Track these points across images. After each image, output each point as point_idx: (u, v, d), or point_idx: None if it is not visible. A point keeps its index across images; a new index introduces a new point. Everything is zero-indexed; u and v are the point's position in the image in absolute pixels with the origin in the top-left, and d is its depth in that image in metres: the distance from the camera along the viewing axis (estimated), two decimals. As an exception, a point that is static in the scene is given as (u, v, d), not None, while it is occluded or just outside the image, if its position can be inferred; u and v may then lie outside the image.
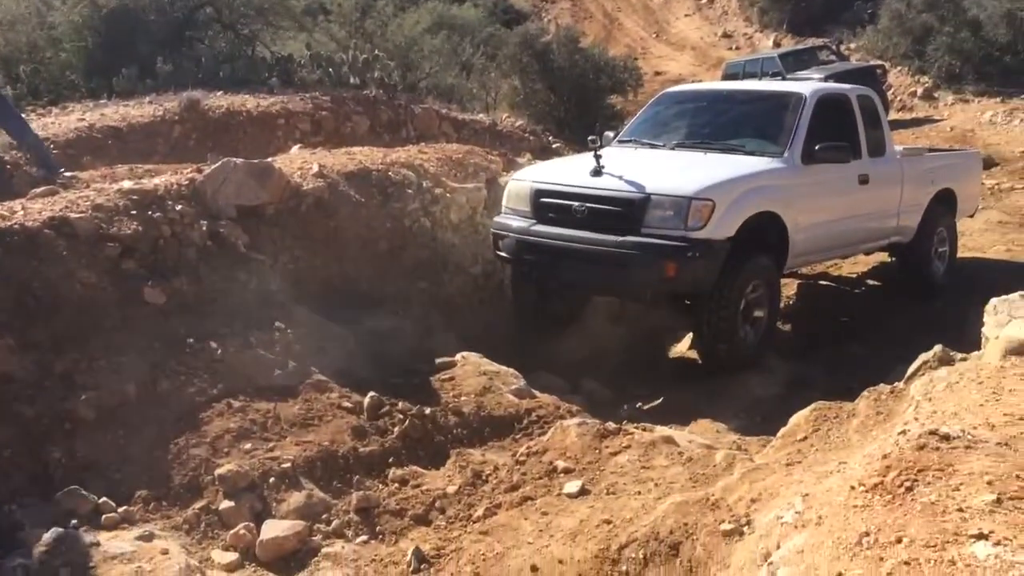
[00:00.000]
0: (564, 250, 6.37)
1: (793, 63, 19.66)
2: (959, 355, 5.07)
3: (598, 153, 6.49)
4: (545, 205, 6.63)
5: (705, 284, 6.21)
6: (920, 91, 20.98)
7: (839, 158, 7.01)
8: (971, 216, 9.80)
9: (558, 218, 6.50)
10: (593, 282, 6.63)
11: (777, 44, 26.20)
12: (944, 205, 8.70)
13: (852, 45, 24.48)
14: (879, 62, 21.14)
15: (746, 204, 6.31)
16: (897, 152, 8.28)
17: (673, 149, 7.22)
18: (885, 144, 7.99)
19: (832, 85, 8.46)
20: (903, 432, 3.50)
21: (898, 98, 21.16)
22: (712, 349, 6.55)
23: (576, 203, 6.40)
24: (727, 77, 19.84)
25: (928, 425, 3.47)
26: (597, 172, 6.42)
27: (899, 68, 22.07)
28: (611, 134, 7.75)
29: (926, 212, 8.37)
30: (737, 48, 27.78)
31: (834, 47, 22.14)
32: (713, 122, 7.62)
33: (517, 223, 6.72)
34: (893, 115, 19.56)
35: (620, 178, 6.34)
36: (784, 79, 18.09)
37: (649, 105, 8.36)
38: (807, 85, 7.87)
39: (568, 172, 6.95)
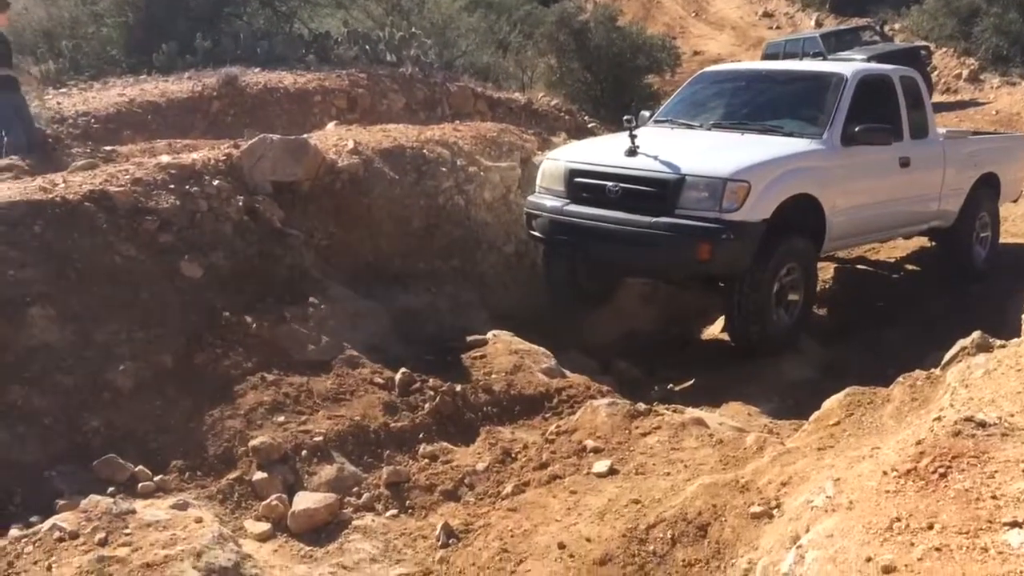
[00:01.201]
0: (597, 230, 6.32)
1: (835, 43, 19.29)
2: (998, 342, 4.99)
3: (633, 133, 6.41)
4: (579, 185, 6.59)
5: (739, 266, 6.15)
6: (965, 73, 20.51)
7: (880, 140, 6.89)
8: (1015, 201, 9.61)
9: (592, 198, 6.45)
10: (626, 263, 6.60)
11: (819, 24, 25.70)
12: (987, 189, 8.53)
13: (896, 25, 23.95)
14: (924, 43, 20.65)
15: (783, 186, 6.22)
16: (940, 134, 8.13)
17: (710, 129, 7.13)
18: (928, 126, 7.85)
19: (874, 66, 8.29)
20: (938, 418, 3.45)
21: (943, 80, 20.70)
22: (744, 332, 6.49)
23: (610, 183, 6.36)
24: (767, 57, 19.53)
25: (964, 412, 3.43)
26: (632, 152, 6.35)
27: (944, 49, 21.57)
28: (647, 113, 7.69)
29: (968, 196, 8.22)
30: (778, 28, 27.31)
31: (878, 27, 21.66)
32: (751, 102, 7.52)
33: (551, 203, 6.69)
34: (937, 97, 19.16)
35: (655, 158, 6.27)
36: (826, 60, 17.81)
37: (686, 85, 8.26)
38: (848, 65, 7.74)
39: (603, 152, 6.87)
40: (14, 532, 3.69)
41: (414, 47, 13.47)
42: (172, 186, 5.67)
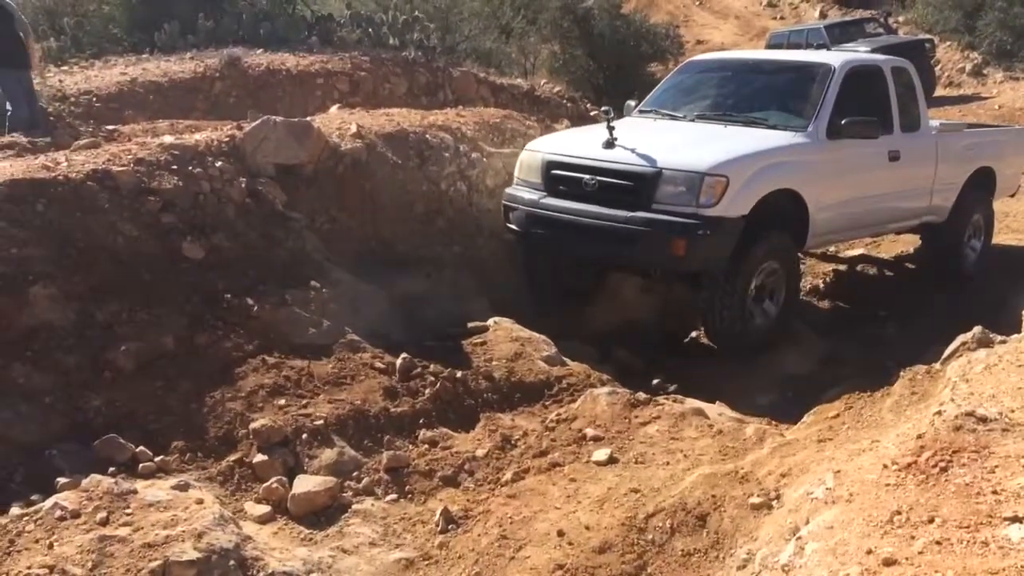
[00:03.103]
0: (573, 224, 6.18)
1: (839, 35, 19.26)
2: (998, 337, 5.01)
3: (611, 124, 6.29)
4: (556, 177, 6.44)
5: (716, 263, 6.01)
6: (969, 67, 20.49)
7: (867, 133, 6.68)
8: (1012, 196, 9.47)
9: (569, 191, 6.31)
10: (602, 257, 6.49)
11: (823, 15, 25.63)
12: (982, 184, 8.32)
13: (900, 18, 23.90)
14: (928, 36, 20.62)
15: (763, 181, 6.04)
16: (933, 127, 7.92)
17: (693, 121, 6.97)
18: (920, 118, 7.64)
19: (864, 56, 7.98)
20: (939, 412, 3.47)
21: (946, 74, 20.68)
22: (721, 331, 6.31)
23: (587, 176, 6.21)
24: (771, 47, 19.50)
25: (965, 406, 3.45)
26: (609, 144, 6.22)
27: (948, 43, 21.54)
28: (632, 103, 7.56)
29: (961, 196, 8.02)
30: (782, 18, 27.21)
31: (882, 19, 21.62)
32: (737, 93, 7.32)
33: (528, 195, 6.55)
34: (940, 91, 19.16)
35: (632, 151, 6.12)
36: (829, 51, 17.75)
37: (673, 74, 8.03)
38: (837, 56, 7.43)
39: (581, 144, 6.67)
40: (15, 510, 3.69)
41: (417, 31, 13.42)
42: (175, 167, 5.66)
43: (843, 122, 6.53)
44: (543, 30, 19.05)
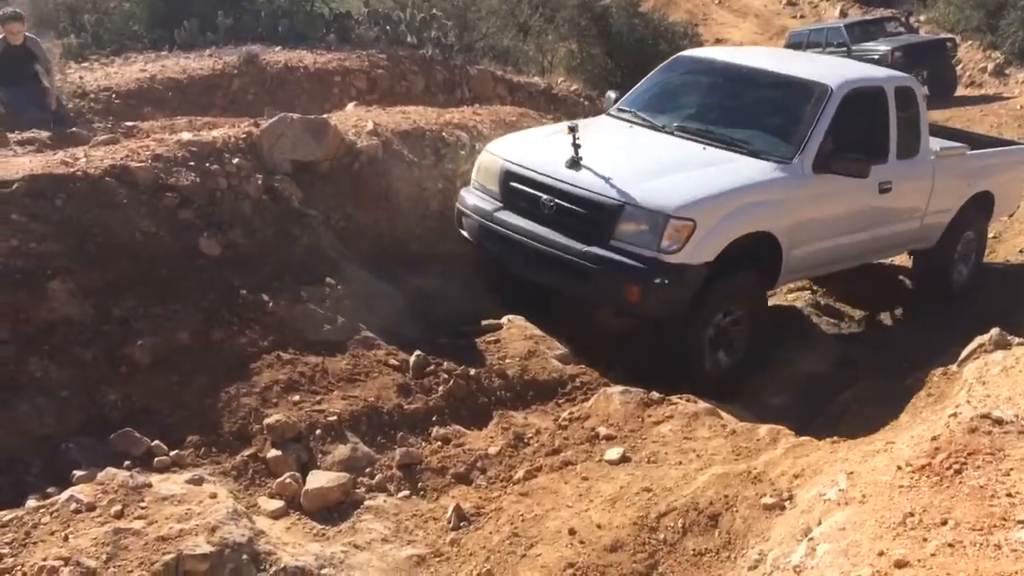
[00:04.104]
0: (526, 248, 5.68)
1: (860, 34, 19.14)
2: (1016, 339, 4.96)
3: (576, 142, 5.64)
4: (513, 191, 5.91)
5: (671, 312, 5.50)
6: (991, 67, 20.29)
7: (857, 172, 5.98)
8: (1010, 216, 8.92)
9: (526, 208, 5.79)
10: (554, 287, 5.92)
11: (843, 14, 25.46)
12: (978, 208, 7.72)
13: (922, 17, 23.72)
14: (949, 35, 20.46)
15: (734, 224, 5.50)
16: (932, 152, 7.09)
17: (671, 134, 6.30)
18: (920, 143, 6.90)
19: (866, 75, 7.09)
20: (954, 414, 3.45)
21: (967, 73, 20.50)
22: (672, 374, 5.61)
23: (545, 196, 5.67)
24: (790, 46, 19.40)
25: (981, 408, 3.43)
26: (574, 163, 5.64)
27: (970, 42, 21.34)
28: (613, 95, 7.07)
29: (955, 217, 7.41)
30: (802, 17, 27.07)
31: (903, 19, 21.47)
32: (722, 105, 6.67)
33: (483, 204, 6.05)
34: (962, 91, 19.01)
35: (596, 174, 5.55)
36: (850, 51, 17.65)
37: (661, 68, 7.30)
38: (838, 75, 6.60)
39: (544, 154, 5.98)
40: (31, 503, 3.73)
41: (435, 29, 13.44)
42: (192, 163, 5.70)
43: (831, 156, 5.94)
44: (560, 28, 19.04)
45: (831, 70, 6.92)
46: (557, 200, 5.62)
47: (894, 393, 5.26)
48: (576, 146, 5.65)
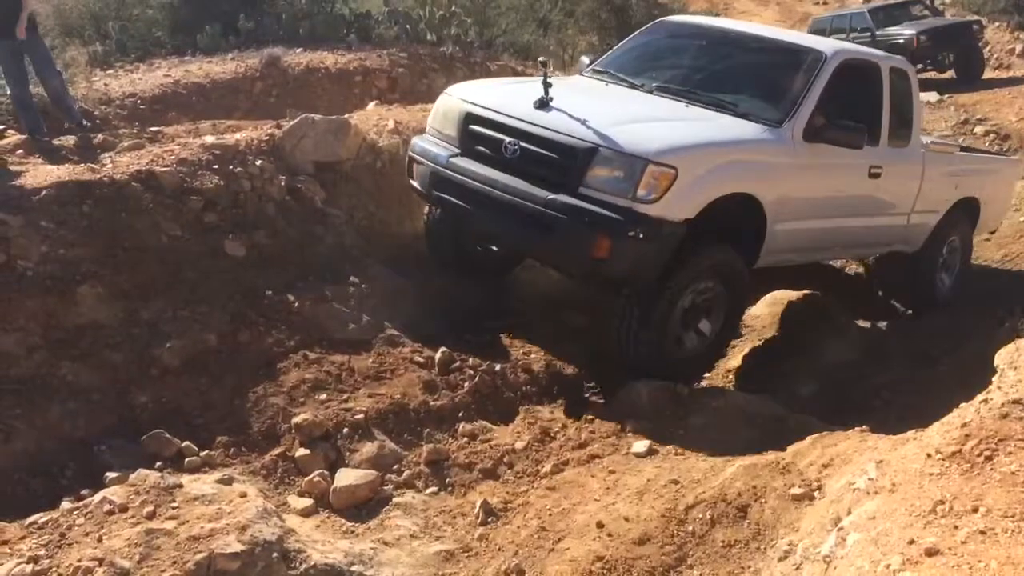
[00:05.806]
0: (484, 195, 5.14)
1: (884, 18, 18.87)
2: (1050, 324, 4.88)
3: (548, 81, 5.21)
4: (473, 134, 5.37)
5: (643, 274, 4.98)
6: (1019, 48, 19.92)
7: (851, 143, 5.63)
8: (992, 233, 8.58)
9: (487, 154, 5.26)
10: (510, 243, 5.52)
11: (867, -1, 25.17)
12: (964, 215, 7.41)
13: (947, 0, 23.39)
14: (976, 17, 20.14)
15: (718, 179, 5.02)
16: (923, 144, 6.75)
17: (651, 93, 5.83)
18: (911, 132, 6.53)
19: (862, 49, 6.75)
20: (985, 401, 3.40)
21: (995, 55, 20.15)
22: (631, 353, 5.19)
23: (508, 139, 5.13)
24: (813, 33, 19.19)
25: (1012, 394, 3.37)
26: (543, 104, 5.14)
27: (997, 24, 20.98)
28: (587, 59, 6.68)
29: (941, 221, 7.09)
30: (824, 3, 26.75)
31: (928, 1, 21.16)
32: (708, 68, 6.17)
33: (437, 150, 5.51)
34: (989, 73, 18.69)
35: (568, 116, 5.05)
36: (874, 36, 17.43)
37: (640, 33, 6.82)
38: (831, 44, 6.35)
39: (509, 98, 5.49)
40: (66, 504, 3.79)
41: (454, 26, 13.44)
42: (216, 166, 5.75)
43: (824, 124, 5.54)
44: (580, 22, 18.97)
45: (824, 42, 6.71)
46: (522, 144, 5.08)
47: (924, 380, 5.21)
48: (547, 85, 5.20)
